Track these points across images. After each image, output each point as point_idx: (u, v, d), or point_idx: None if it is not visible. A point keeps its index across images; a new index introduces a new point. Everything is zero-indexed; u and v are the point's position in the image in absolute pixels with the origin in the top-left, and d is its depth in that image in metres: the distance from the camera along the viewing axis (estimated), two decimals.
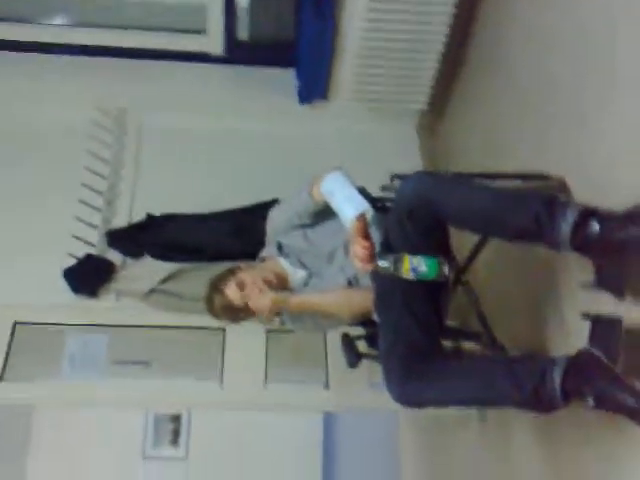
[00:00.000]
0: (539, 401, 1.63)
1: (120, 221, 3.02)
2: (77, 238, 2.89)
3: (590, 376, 1.57)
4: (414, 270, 1.75)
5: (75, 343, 2.81)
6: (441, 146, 3.55)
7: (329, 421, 5.17)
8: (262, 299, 2.06)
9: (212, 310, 2.16)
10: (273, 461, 5.10)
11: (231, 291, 2.09)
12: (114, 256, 2.90)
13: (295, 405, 2.92)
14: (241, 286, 2.08)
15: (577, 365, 1.62)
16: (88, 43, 3.35)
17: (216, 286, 2.14)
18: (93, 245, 2.90)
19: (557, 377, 1.60)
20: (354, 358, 2.07)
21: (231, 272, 2.14)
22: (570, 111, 2.08)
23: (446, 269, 1.77)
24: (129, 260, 2.91)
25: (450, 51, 3.06)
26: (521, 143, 2.49)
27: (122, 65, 3.39)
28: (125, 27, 3.39)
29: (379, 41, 2.93)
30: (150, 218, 2.97)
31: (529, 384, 1.63)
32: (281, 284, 2.13)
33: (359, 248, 1.81)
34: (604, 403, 1.53)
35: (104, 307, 2.84)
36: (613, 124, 1.83)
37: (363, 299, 2.05)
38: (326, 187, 1.95)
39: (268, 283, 2.08)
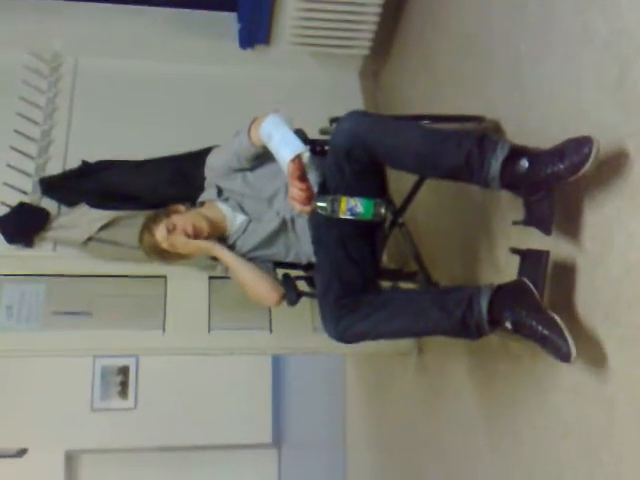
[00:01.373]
0: (467, 328, 1.71)
1: (54, 168, 2.94)
2: (9, 186, 2.82)
3: (514, 302, 1.65)
4: (351, 210, 1.78)
5: (12, 294, 2.76)
6: (384, 91, 3.55)
7: (277, 361, 5.25)
8: (186, 245, 2.08)
9: (143, 248, 2.17)
10: (224, 403, 5.17)
11: (159, 233, 2.09)
12: (49, 204, 2.84)
13: (239, 349, 2.94)
14: (171, 229, 2.08)
15: (504, 292, 1.70)
16: None
17: (147, 225, 2.14)
18: (26, 193, 2.84)
19: (483, 303, 1.68)
20: (294, 296, 2.10)
21: (166, 213, 2.14)
22: (507, 55, 2.11)
23: (382, 210, 1.80)
24: (64, 208, 2.84)
25: None
26: (460, 88, 2.51)
27: (56, 7, 3.24)
28: None
29: None
30: (85, 165, 2.90)
31: (457, 312, 1.70)
32: (215, 230, 2.12)
33: (296, 191, 1.82)
34: (521, 328, 1.62)
35: (41, 256, 2.79)
36: (547, 69, 1.86)
37: (269, 289, 2.11)
38: (264, 130, 1.93)
39: (198, 230, 2.07)
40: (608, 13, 1.57)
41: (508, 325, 1.64)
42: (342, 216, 1.79)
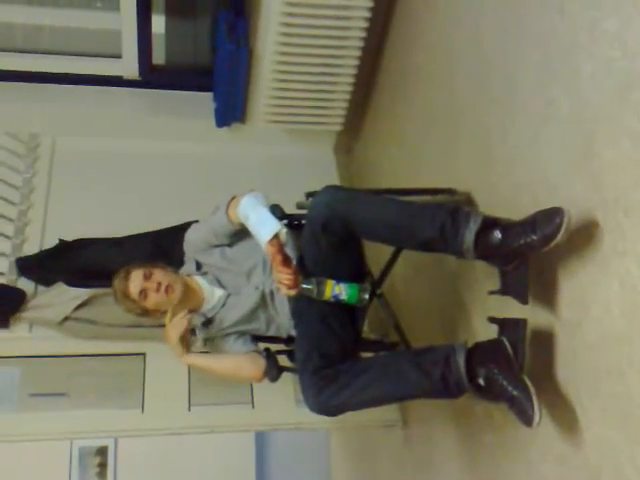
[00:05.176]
0: (447, 386, 1.71)
1: (31, 248, 2.93)
2: None
3: (488, 360, 1.67)
4: (335, 297, 1.85)
5: None
6: (358, 165, 3.63)
7: (260, 438, 5.12)
8: (174, 328, 2.01)
9: (115, 293, 2.07)
10: None
11: (134, 275, 2.01)
12: (25, 284, 2.81)
13: (221, 427, 2.87)
14: (147, 276, 2.01)
15: (481, 349, 1.73)
16: (0, 67, 3.26)
17: (127, 269, 2.05)
18: (3, 274, 2.81)
19: (460, 361, 1.69)
20: (275, 372, 2.08)
21: (151, 264, 2.06)
22: (475, 129, 2.18)
23: (366, 296, 1.86)
24: (41, 288, 2.82)
25: (363, 73, 3.15)
26: (432, 160, 2.58)
27: (36, 90, 3.32)
28: (40, 52, 3.33)
29: (294, 66, 2.99)
30: (62, 244, 2.89)
31: (436, 371, 1.71)
32: (191, 302, 2.10)
33: (283, 276, 1.84)
34: (492, 386, 1.63)
35: (16, 338, 2.73)
36: (514, 142, 1.92)
37: (252, 369, 2.07)
38: (240, 212, 1.96)
39: (170, 289, 2.00)
40: (569, 88, 1.63)
41: (481, 381, 1.66)
42: (326, 300, 1.83)
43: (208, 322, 2.15)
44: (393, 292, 2.54)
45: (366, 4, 2.76)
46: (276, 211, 2.01)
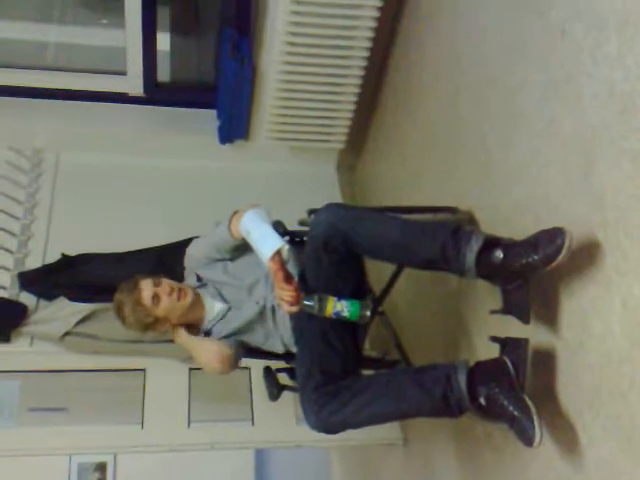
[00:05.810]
0: (448, 405, 1.71)
1: (33, 263, 2.94)
2: None
3: (490, 379, 1.67)
4: (337, 314, 1.84)
5: None
6: (360, 182, 3.64)
7: (260, 455, 5.10)
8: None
9: (119, 306, 2.09)
10: None
11: (144, 284, 2.04)
12: (27, 299, 2.81)
13: (220, 444, 2.85)
14: (157, 283, 2.04)
15: (482, 368, 1.72)
16: (6, 83, 3.28)
17: (134, 280, 2.08)
18: (5, 288, 2.82)
19: (462, 380, 1.69)
20: (275, 390, 2.07)
21: (154, 275, 2.10)
22: (477, 148, 2.19)
23: (368, 312, 1.85)
24: (43, 302, 2.82)
25: (366, 92, 3.17)
26: (434, 178, 2.59)
27: (41, 106, 3.33)
28: (45, 68, 3.35)
29: (297, 84, 3.01)
30: (65, 258, 2.90)
31: (437, 390, 1.71)
32: (196, 312, 2.11)
33: (285, 293, 1.85)
34: (493, 405, 1.63)
35: (17, 352, 2.73)
36: (516, 161, 1.93)
37: (216, 349, 2.03)
38: (243, 226, 1.97)
39: (182, 292, 2.04)
40: (571, 108, 1.64)
41: (482, 401, 1.66)
42: (327, 316, 1.83)
43: (207, 334, 2.14)
44: (394, 310, 2.55)
45: (370, 24, 2.78)
46: (278, 227, 2.01)
